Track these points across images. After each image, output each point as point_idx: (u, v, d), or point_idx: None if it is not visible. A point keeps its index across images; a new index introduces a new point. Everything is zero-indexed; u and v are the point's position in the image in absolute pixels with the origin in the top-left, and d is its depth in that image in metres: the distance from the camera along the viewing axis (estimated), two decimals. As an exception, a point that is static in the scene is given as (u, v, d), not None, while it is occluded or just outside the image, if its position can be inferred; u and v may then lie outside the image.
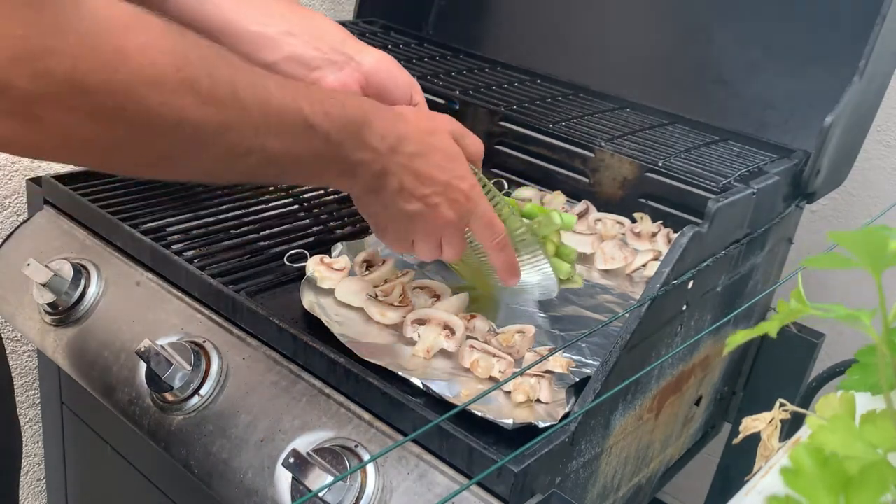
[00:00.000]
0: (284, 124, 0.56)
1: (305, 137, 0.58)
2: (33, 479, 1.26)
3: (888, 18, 0.86)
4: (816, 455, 0.31)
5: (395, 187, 0.66)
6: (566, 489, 0.67)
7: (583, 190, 1.07)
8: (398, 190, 0.66)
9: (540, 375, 0.70)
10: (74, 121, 0.44)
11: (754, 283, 0.96)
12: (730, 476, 1.09)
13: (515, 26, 1.29)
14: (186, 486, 0.86)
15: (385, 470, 0.65)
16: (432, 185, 0.67)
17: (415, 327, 0.76)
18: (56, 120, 0.43)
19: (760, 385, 1.05)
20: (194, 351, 0.75)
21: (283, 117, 0.55)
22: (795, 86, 1.04)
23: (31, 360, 1.18)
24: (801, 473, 0.31)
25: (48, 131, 0.44)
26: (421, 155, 0.66)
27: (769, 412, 0.47)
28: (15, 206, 1.09)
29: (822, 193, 0.99)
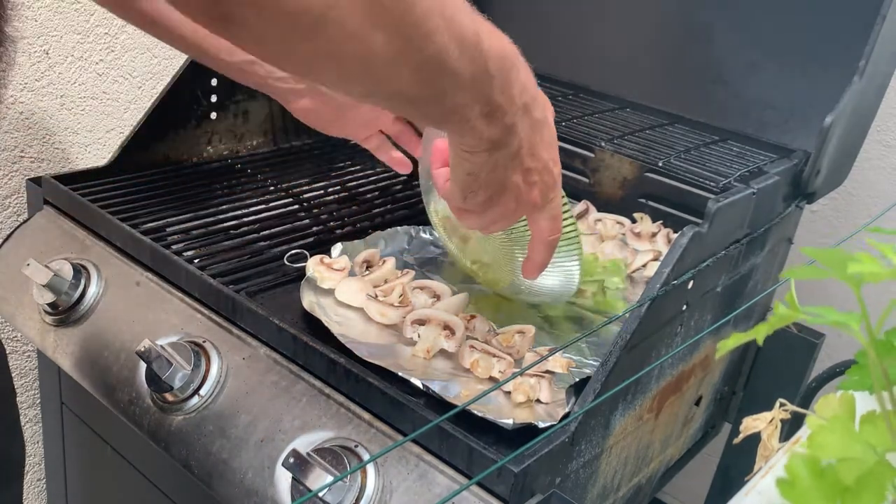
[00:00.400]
0: (463, 24, 0.50)
1: (473, 52, 0.52)
2: (33, 479, 1.26)
3: (888, 18, 0.86)
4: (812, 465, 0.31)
5: (513, 150, 0.60)
6: (566, 489, 0.67)
7: (583, 190, 1.07)
8: (514, 154, 0.61)
9: (540, 375, 0.70)
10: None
11: (754, 283, 0.96)
12: (730, 476, 1.09)
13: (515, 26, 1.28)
14: (186, 486, 0.86)
15: (385, 470, 0.65)
16: (537, 161, 0.62)
17: (415, 327, 0.76)
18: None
19: (760, 385, 1.05)
20: (194, 351, 0.75)
21: (462, 17, 0.50)
22: (795, 86, 1.04)
23: (31, 360, 1.18)
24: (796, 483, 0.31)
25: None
26: (540, 126, 0.61)
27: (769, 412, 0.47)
28: (15, 206, 1.09)
29: (822, 193, 0.99)
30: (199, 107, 1.07)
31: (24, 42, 1.03)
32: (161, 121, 1.02)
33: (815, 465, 0.31)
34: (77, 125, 1.12)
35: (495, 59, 0.54)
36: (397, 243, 0.94)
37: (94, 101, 1.13)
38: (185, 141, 1.06)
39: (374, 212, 1.04)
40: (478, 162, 0.61)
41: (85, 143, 1.14)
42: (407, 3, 0.45)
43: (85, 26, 1.09)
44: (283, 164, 1.14)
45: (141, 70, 1.18)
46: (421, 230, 0.98)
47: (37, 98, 1.07)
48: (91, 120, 1.14)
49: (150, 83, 1.20)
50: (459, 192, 0.64)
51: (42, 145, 1.09)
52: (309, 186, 1.06)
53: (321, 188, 1.08)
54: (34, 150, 1.09)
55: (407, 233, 0.97)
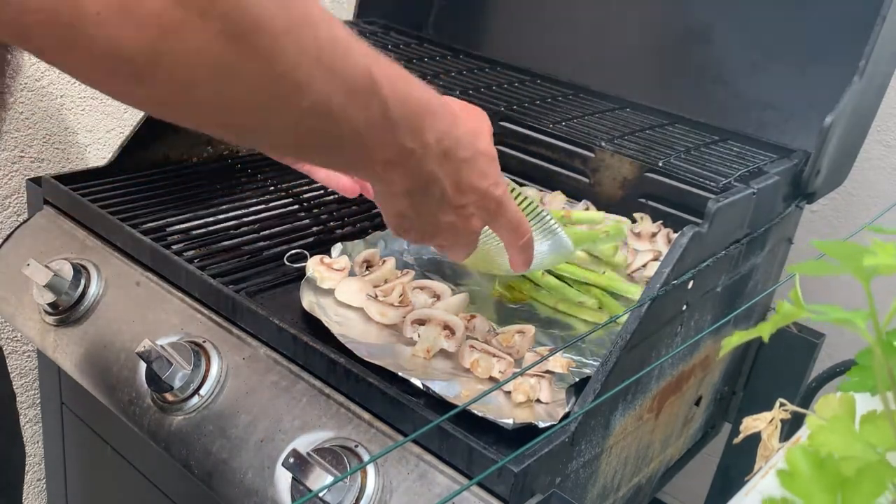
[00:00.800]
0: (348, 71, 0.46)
1: (366, 98, 0.49)
2: (33, 479, 1.26)
3: (888, 18, 0.86)
4: (812, 457, 0.31)
5: (436, 196, 0.59)
6: (566, 489, 0.67)
7: (583, 190, 1.07)
8: (439, 199, 0.60)
9: (540, 375, 0.70)
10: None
11: (754, 283, 0.96)
12: (730, 476, 1.09)
13: (515, 26, 1.29)
14: (186, 486, 0.86)
15: (385, 470, 0.65)
16: (471, 194, 0.61)
17: (415, 327, 0.76)
18: None
19: (760, 385, 1.05)
20: (194, 351, 0.75)
21: (348, 63, 0.46)
22: (795, 86, 1.04)
23: (31, 360, 1.18)
24: (796, 475, 0.31)
25: None
26: (468, 162, 0.60)
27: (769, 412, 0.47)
28: (15, 206, 1.09)
29: (822, 193, 0.99)
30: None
31: (24, 42, 1.03)
32: (161, 121, 1.01)
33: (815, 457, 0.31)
34: (77, 125, 1.12)
35: (398, 105, 0.51)
36: (397, 243, 0.94)
37: (94, 101, 1.13)
38: (185, 141, 1.06)
39: (374, 212, 1.04)
40: (401, 206, 0.60)
41: (85, 143, 1.14)
42: (267, 54, 0.41)
43: (85, 26, 1.09)
44: (283, 164, 1.14)
45: (141, 70, 1.18)
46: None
47: (37, 98, 1.07)
48: (91, 120, 1.14)
49: (150, 83, 1.20)
50: (394, 229, 0.64)
51: (42, 145, 1.09)
52: (309, 186, 1.06)
53: (321, 188, 1.08)
54: (34, 150, 1.09)
55: None
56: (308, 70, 0.43)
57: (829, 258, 0.34)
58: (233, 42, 0.39)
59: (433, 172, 0.57)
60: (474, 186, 0.61)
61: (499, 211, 0.64)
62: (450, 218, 0.62)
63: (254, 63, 0.41)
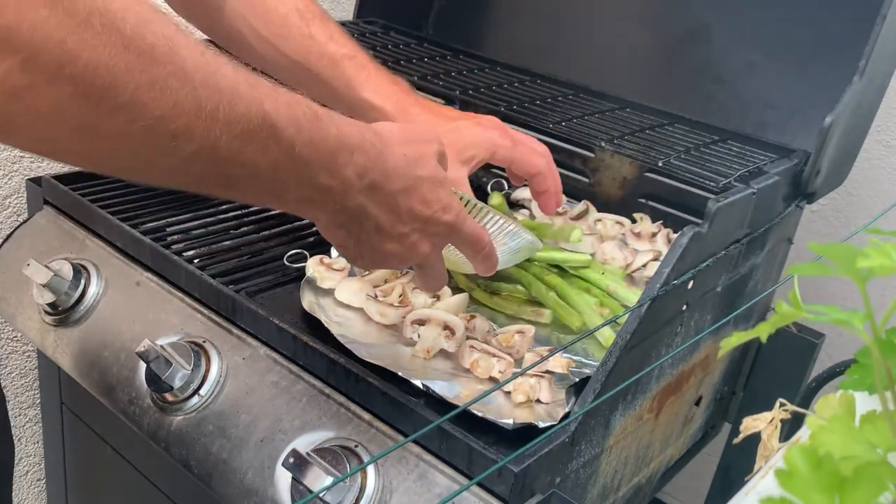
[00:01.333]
0: (236, 115, 0.45)
1: (263, 140, 0.48)
2: (33, 479, 1.26)
3: (888, 18, 0.86)
4: (810, 456, 0.31)
5: (370, 227, 0.59)
6: (566, 489, 0.67)
7: (583, 190, 1.07)
8: (374, 230, 0.59)
9: (540, 376, 0.70)
10: None
11: (754, 283, 0.96)
12: (730, 476, 1.09)
13: (515, 26, 1.29)
14: (186, 486, 0.86)
15: (385, 470, 0.65)
16: (413, 222, 0.60)
17: (415, 327, 0.76)
18: None
19: (760, 385, 1.05)
20: (194, 351, 0.75)
21: (235, 110, 0.45)
22: (795, 86, 1.04)
23: (31, 360, 1.18)
24: (795, 475, 0.31)
25: None
26: (405, 191, 0.59)
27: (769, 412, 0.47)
28: (15, 206, 1.09)
29: (822, 193, 0.99)
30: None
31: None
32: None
33: (814, 457, 0.31)
34: (77, 125, 1.12)
35: (306, 145, 0.51)
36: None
37: (94, 101, 1.13)
38: (185, 141, 1.06)
39: (374, 212, 1.04)
40: (338, 237, 0.60)
41: (85, 143, 1.14)
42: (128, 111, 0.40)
43: (85, 26, 1.09)
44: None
45: (141, 70, 1.18)
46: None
47: (37, 98, 1.07)
48: (91, 120, 1.14)
49: (150, 83, 1.19)
50: (344, 257, 0.63)
51: (42, 145, 1.09)
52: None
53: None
54: (34, 150, 1.09)
55: None
56: (183, 121, 0.43)
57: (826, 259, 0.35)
58: (89, 102, 0.39)
59: (361, 206, 0.57)
60: (416, 215, 0.60)
61: (451, 233, 0.63)
62: (392, 246, 0.61)
63: (115, 119, 0.40)
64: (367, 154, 0.56)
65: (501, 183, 1.15)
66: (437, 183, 0.61)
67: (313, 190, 0.54)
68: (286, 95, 0.50)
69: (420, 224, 0.61)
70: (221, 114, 0.44)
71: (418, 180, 0.60)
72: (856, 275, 0.33)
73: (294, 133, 0.50)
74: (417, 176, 0.60)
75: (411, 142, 0.61)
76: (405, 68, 1.15)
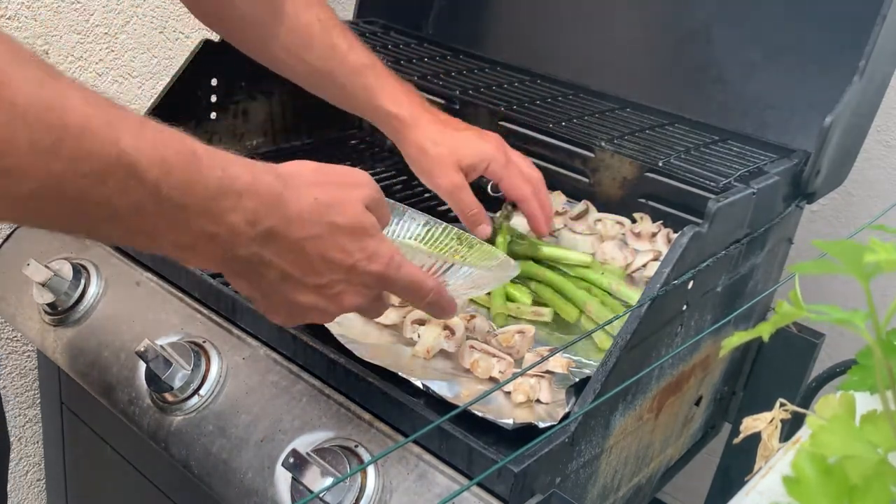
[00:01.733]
0: (83, 152, 0.42)
1: (121, 181, 0.44)
2: (33, 479, 1.26)
3: (888, 18, 0.86)
4: (818, 463, 0.31)
5: (274, 278, 0.55)
6: (566, 489, 0.67)
7: (583, 190, 1.07)
8: (280, 280, 0.55)
9: (540, 376, 0.70)
10: None
11: (754, 283, 0.96)
12: (730, 476, 1.09)
13: (515, 26, 1.29)
14: (186, 486, 0.86)
15: (385, 470, 0.65)
16: (331, 272, 0.55)
17: (415, 327, 0.76)
18: None
19: (760, 385, 1.05)
20: (194, 351, 0.75)
21: (83, 143, 0.42)
22: (795, 86, 1.04)
23: (31, 360, 1.18)
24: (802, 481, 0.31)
25: None
26: (316, 238, 0.54)
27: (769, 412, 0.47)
28: (15, 206, 1.09)
29: (822, 193, 0.99)
30: (198, 107, 1.07)
31: (25, 42, 1.03)
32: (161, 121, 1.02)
33: (821, 463, 0.31)
34: (77, 125, 1.12)
35: (178, 189, 0.47)
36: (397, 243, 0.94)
37: (94, 101, 1.13)
38: (185, 141, 1.06)
39: (374, 212, 1.04)
40: (243, 288, 0.57)
41: (85, 143, 1.14)
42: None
43: (85, 26, 1.09)
44: (283, 164, 1.14)
45: (141, 70, 1.18)
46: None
47: (37, 98, 1.07)
48: (91, 120, 1.13)
49: (150, 83, 1.20)
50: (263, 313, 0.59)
51: (42, 145, 1.09)
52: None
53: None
54: (34, 150, 1.09)
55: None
56: (13, 159, 0.40)
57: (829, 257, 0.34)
58: None
59: (256, 255, 0.53)
60: (334, 264, 0.55)
61: (383, 283, 0.59)
62: (309, 298, 0.56)
63: None
64: (261, 198, 0.51)
65: (501, 183, 1.15)
66: (360, 230, 0.56)
67: (193, 236, 0.50)
68: (155, 133, 0.47)
69: (342, 274, 0.56)
70: (64, 151, 0.42)
71: (332, 227, 0.55)
72: (860, 272, 0.33)
73: (160, 174, 0.46)
74: (331, 223, 0.55)
75: (327, 184, 0.56)
76: (405, 68, 1.15)
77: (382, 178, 1.16)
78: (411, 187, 1.14)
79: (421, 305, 0.63)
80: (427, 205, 1.10)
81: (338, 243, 0.55)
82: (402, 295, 0.62)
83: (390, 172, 1.18)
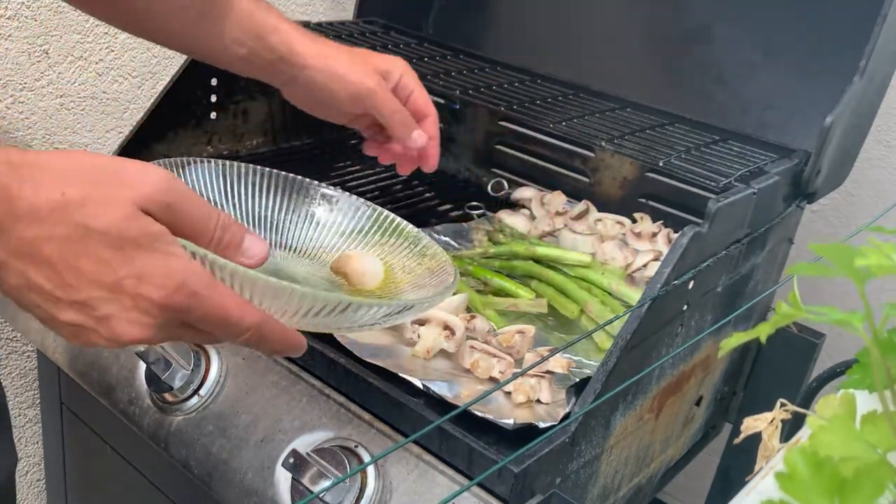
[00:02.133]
0: None
1: None
2: (33, 479, 1.26)
3: (888, 18, 0.86)
4: (811, 459, 0.31)
5: (19, 283, 0.46)
6: (566, 489, 0.67)
7: (583, 190, 1.07)
8: (27, 287, 0.46)
9: (540, 376, 0.70)
10: None
11: (755, 283, 0.96)
12: (730, 476, 1.09)
13: (515, 26, 1.29)
14: (186, 486, 0.86)
15: (385, 470, 0.65)
16: (90, 287, 0.45)
17: (415, 327, 0.76)
18: None
19: (761, 385, 1.05)
20: (194, 351, 0.75)
21: None
22: (795, 86, 1.04)
23: (31, 360, 1.18)
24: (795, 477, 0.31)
25: None
26: (59, 241, 0.45)
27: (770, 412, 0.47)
28: (15, 206, 1.09)
29: (822, 193, 0.99)
30: (198, 107, 1.07)
31: (24, 42, 1.03)
32: (161, 121, 1.02)
33: (814, 459, 0.31)
34: (77, 125, 1.12)
35: None
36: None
37: (94, 100, 1.13)
38: (185, 141, 1.06)
39: (374, 212, 1.04)
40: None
41: (85, 143, 1.14)
42: None
43: (85, 26, 1.09)
44: (282, 164, 1.13)
45: (141, 70, 1.18)
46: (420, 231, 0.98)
47: (37, 98, 1.07)
48: (91, 120, 1.14)
49: (149, 83, 1.20)
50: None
51: (42, 145, 1.09)
52: None
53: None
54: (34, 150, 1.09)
55: None
56: None
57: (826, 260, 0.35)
58: None
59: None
60: (88, 278, 0.45)
61: (172, 312, 0.47)
62: (70, 316, 0.46)
63: None
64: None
65: (502, 183, 1.15)
66: (125, 240, 0.45)
67: None
68: None
69: (105, 292, 0.46)
70: None
71: (84, 231, 0.45)
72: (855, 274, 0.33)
73: None
74: (82, 224, 0.45)
75: (85, 180, 0.46)
76: (405, 68, 1.15)
77: (382, 178, 1.16)
78: (411, 187, 1.14)
79: (240, 343, 0.51)
80: (427, 205, 1.10)
81: (92, 252, 0.45)
82: (209, 327, 0.49)
83: (390, 172, 1.18)
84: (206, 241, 0.49)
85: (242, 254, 0.51)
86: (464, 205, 1.10)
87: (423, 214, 1.07)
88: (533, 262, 0.91)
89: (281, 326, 0.52)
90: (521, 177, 1.14)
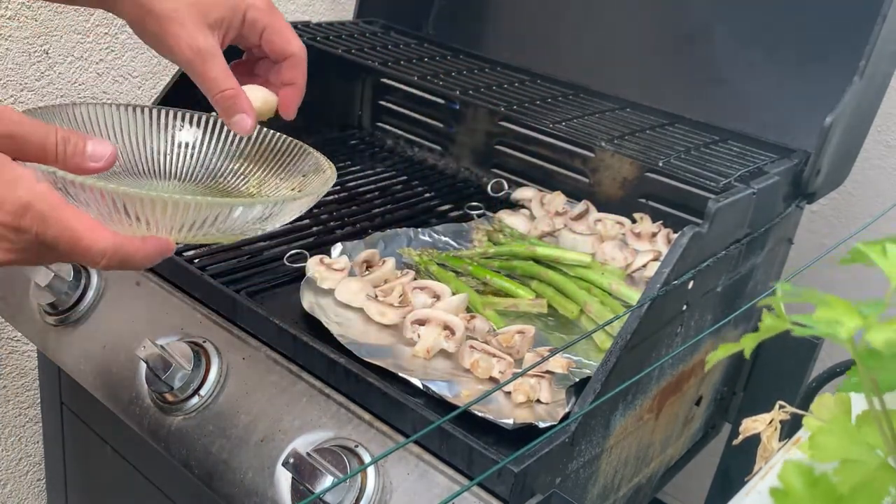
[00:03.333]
0: None
1: None
2: (33, 479, 1.26)
3: (888, 18, 0.86)
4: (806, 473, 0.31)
5: None
6: (566, 489, 0.67)
7: (583, 190, 1.07)
8: None
9: (540, 376, 0.70)
10: None
11: (754, 283, 0.96)
12: (730, 476, 1.09)
13: (515, 26, 1.29)
14: (186, 486, 0.86)
15: (385, 470, 0.65)
16: None
17: (415, 327, 0.76)
18: None
19: (760, 386, 1.05)
20: (194, 351, 0.75)
21: None
22: (795, 86, 1.04)
23: (31, 360, 1.18)
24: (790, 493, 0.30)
25: None
26: None
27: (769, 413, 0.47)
28: (15, 206, 1.09)
29: (822, 193, 0.99)
30: (198, 107, 1.06)
31: (24, 42, 1.03)
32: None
33: (808, 474, 0.31)
34: (77, 125, 1.12)
35: None
36: (397, 243, 0.94)
37: (94, 101, 1.13)
38: (185, 141, 1.06)
39: (374, 212, 1.04)
40: None
41: (85, 143, 1.14)
42: None
43: (85, 26, 1.09)
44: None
45: (141, 70, 1.18)
46: (420, 231, 0.98)
47: (37, 98, 1.07)
48: (91, 120, 1.14)
49: (149, 83, 1.20)
50: None
51: (42, 145, 1.09)
52: None
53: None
54: (34, 150, 1.09)
55: (406, 234, 0.97)
56: None
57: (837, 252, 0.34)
58: None
59: None
60: None
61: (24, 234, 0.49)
62: None
63: None
64: None
65: (502, 183, 1.15)
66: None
67: None
68: None
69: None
70: None
71: None
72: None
73: None
74: None
75: None
76: (405, 68, 1.15)
77: (382, 178, 1.16)
78: (411, 187, 1.14)
79: (101, 268, 0.53)
80: (427, 205, 1.10)
81: None
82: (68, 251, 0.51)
83: (390, 172, 1.18)
84: (52, 157, 0.51)
85: (90, 159, 0.52)
86: (464, 205, 1.10)
87: (423, 214, 1.07)
88: (533, 262, 0.91)
89: (138, 242, 0.53)
90: (521, 177, 1.14)
